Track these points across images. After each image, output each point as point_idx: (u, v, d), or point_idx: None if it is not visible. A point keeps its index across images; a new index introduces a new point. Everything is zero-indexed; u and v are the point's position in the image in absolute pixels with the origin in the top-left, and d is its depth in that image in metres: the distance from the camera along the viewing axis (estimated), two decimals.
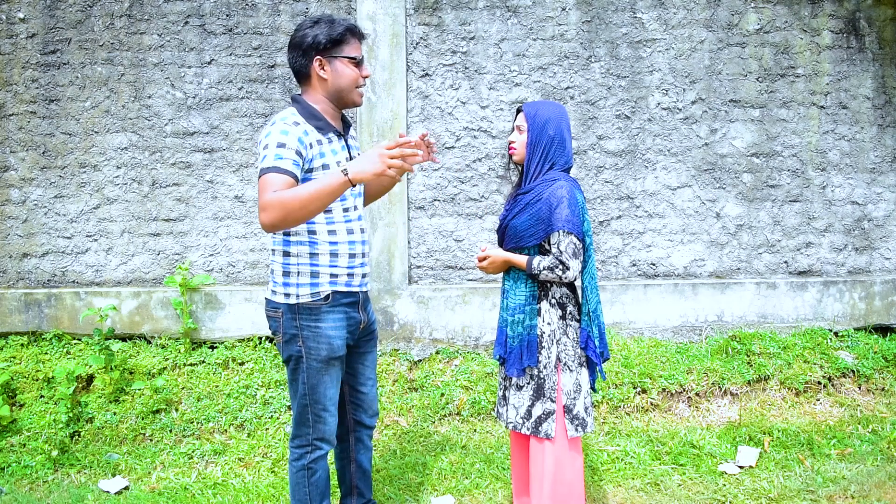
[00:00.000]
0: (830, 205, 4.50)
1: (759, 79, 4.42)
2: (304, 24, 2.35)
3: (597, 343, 2.51)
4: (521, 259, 2.48)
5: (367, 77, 2.41)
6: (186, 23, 4.22)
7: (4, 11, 4.19)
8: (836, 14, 4.44)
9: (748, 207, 4.46)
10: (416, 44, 4.26)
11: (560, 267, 2.40)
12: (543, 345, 2.48)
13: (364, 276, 2.47)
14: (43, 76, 4.21)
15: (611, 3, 4.32)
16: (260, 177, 2.17)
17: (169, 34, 4.22)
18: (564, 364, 2.47)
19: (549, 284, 2.48)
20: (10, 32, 4.20)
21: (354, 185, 2.17)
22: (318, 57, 2.32)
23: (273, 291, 2.38)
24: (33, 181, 4.25)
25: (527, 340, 2.48)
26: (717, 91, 4.40)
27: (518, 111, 2.58)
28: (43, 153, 4.24)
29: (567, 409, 2.46)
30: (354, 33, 2.36)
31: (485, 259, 2.55)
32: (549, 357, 2.47)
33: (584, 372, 2.51)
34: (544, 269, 2.42)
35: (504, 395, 2.59)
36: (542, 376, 2.47)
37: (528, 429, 2.48)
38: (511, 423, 2.52)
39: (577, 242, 2.42)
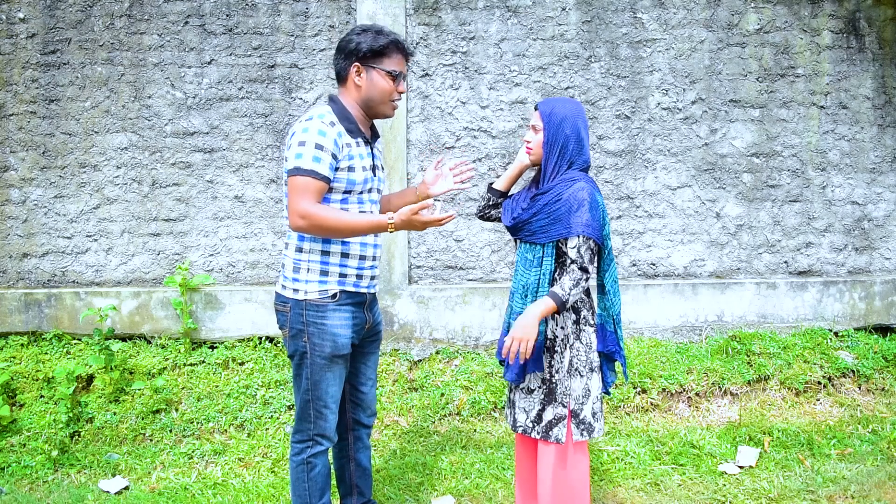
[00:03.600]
0: (830, 205, 4.50)
1: (759, 79, 4.42)
2: (355, 29, 2.40)
3: (622, 345, 2.51)
4: (549, 303, 2.33)
5: (402, 93, 2.41)
6: (186, 23, 4.22)
7: (4, 11, 4.19)
8: (836, 14, 4.44)
9: (748, 207, 4.46)
10: (416, 44, 4.26)
11: (584, 277, 2.35)
12: (556, 349, 2.44)
13: (373, 278, 2.50)
14: (43, 76, 4.21)
15: (611, 3, 4.32)
16: (295, 174, 2.24)
17: (169, 34, 4.22)
18: (576, 369, 2.43)
19: None
20: (10, 32, 4.20)
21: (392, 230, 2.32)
22: (356, 63, 2.36)
23: (283, 286, 2.41)
24: (33, 181, 4.25)
25: (536, 346, 2.40)
26: (717, 91, 4.40)
27: (536, 109, 2.52)
28: (43, 153, 4.24)
29: (574, 414, 2.43)
30: (399, 48, 2.38)
31: (517, 341, 2.32)
32: (561, 362, 2.42)
33: (595, 377, 2.47)
34: (571, 290, 2.32)
35: (510, 399, 2.55)
36: (554, 381, 2.43)
37: (538, 433, 2.44)
38: (521, 426, 2.48)
39: (595, 247, 2.38)
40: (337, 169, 2.30)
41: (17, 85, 4.21)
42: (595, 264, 2.40)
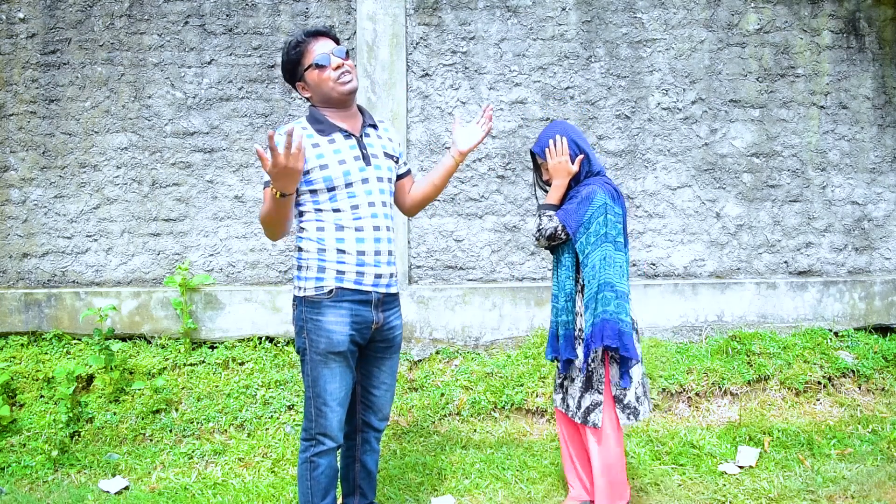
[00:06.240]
0: (830, 205, 4.50)
1: (759, 79, 4.42)
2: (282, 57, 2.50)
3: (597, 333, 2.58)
4: (552, 196, 2.69)
5: (338, 67, 2.40)
6: (186, 23, 4.22)
7: (4, 11, 4.19)
8: (836, 14, 4.44)
9: (748, 207, 4.46)
10: (416, 44, 4.26)
11: (535, 233, 2.69)
12: None
13: (380, 276, 2.45)
14: (43, 76, 4.21)
15: (611, 3, 4.32)
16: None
17: (169, 34, 4.22)
18: (612, 357, 2.61)
19: None
20: (10, 32, 4.20)
21: (285, 196, 2.21)
22: (297, 83, 2.47)
23: (293, 285, 2.51)
24: (33, 181, 4.25)
25: (565, 336, 2.66)
26: (717, 91, 4.40)
27: (533, 155, 2.78)
28: (43, 153, 4.24)
29: (617, 400, 2.61)
30: (307, 39, 2.41)
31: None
32: (596, 351, 2.60)
33: (637, 366, 2.65)
34: (539, 223, 2.66)
35: (562, 384, 2.76)
36: (590, 369, 2.62)
37: (579, 418, 2.66)
38: (570, 411, 2.70)
39: (551, 230, 2.61)
40: (309, 171, 2.35)
41: (17, 85, 4.21)
42: (544, 241, 2.65)
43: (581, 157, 2.65)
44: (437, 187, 2.66)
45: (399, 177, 2.65)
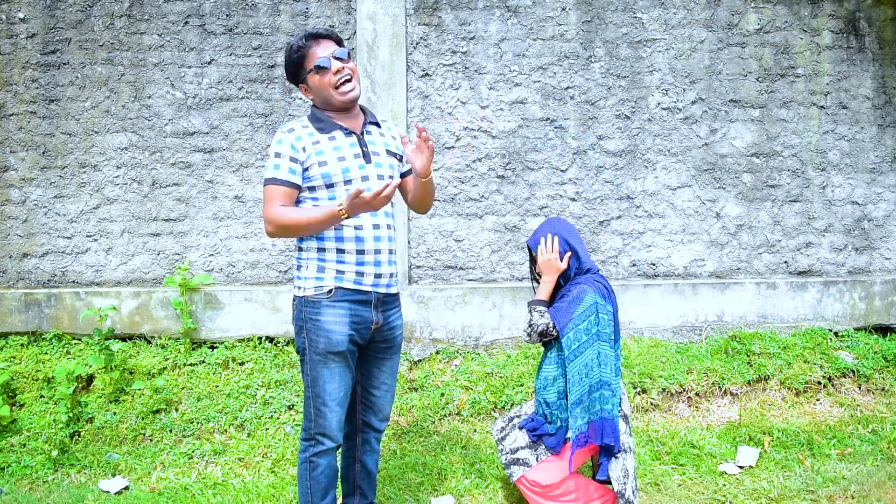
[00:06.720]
0: (830, 205, 4.50)
1: (759, 79, 4.42)
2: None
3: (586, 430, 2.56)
4: (541, 291, 2.74)
5: (338, 72, 2.41)
6: (186, 23, 4.22)
7: (4, 11, 4.19)
8: (836, 14, 4.44)
9: (748, 207, 4.46)
10: (416, 44, 4.26)
11: (528, 326, 2.70)
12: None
13: (380, 276, 2.45)
14: (43, 76, 4.21)
15: (611, 3, 4.32)
16: (264, 185, 2.40)
17: (169, 34, 4.22)
18: (602, 449, 2.59)
19: None
20: (10, 32, 4.20)
21: (349, 217, 2.30)
22: (299, 85, 2.51)
23: (293, 285, 2.52)
24: (33, 181, 4.25)
25: (558, 430, 2.64)
26: (717, 91, 4.40)
27: (529, 248, 2.82)
28: (43, 153, 4.24)
29: (620, 495, 2.55)
30: (309, 42, 2.43)
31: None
32: (559, 439, 2.64)
33: (630, 456, 2.61)
34: (530, 319, 2.69)
35: (511, 419, 2.80)
36: (542, 437, 2.67)
37: (505, 459, 2.70)
38: (502, 446, 2.73)
39: (542, 326, 2.64)
40: (308, 168, 2.38)
41: (17, 85, 4.21)
42: (536, 336, 2.67)
43: (569, 254, 2.69)
44: (419, 198, 2.61)
45: (405, 174, 2.65)
